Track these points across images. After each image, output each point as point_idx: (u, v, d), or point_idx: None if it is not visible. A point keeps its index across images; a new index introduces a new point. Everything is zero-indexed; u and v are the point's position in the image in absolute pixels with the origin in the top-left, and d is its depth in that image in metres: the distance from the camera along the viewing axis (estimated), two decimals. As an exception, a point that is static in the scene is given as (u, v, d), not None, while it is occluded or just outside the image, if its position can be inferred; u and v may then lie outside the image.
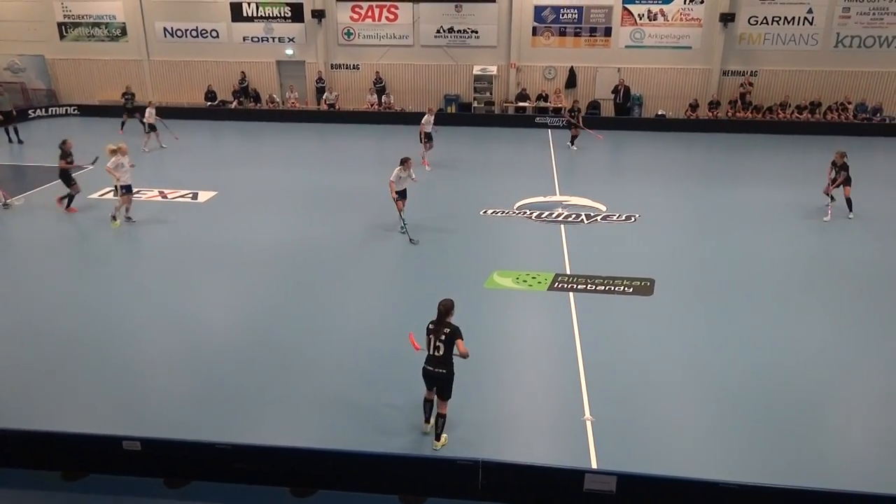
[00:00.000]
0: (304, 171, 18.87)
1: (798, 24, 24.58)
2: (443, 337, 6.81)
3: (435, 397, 7.12)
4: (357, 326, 9.84)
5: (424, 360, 7.04)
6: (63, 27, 27.78)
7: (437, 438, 7.12)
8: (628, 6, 25.14)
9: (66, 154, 14.99)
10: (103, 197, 16.10)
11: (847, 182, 14.52)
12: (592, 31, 25.66)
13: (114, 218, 14.10)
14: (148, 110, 21.20)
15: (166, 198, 16.09)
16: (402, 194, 13.49)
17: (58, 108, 27.20)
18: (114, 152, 13.88)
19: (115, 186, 13.97)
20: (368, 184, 17.27)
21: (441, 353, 6.85)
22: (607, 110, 26.15)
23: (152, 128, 20.98)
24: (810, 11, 24.41)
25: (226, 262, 12.32)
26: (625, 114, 25.67)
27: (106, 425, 7.31)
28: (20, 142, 20.91)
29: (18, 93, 26.84)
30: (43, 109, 26.83)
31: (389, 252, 12.78)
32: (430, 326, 6.96)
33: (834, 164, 14.61)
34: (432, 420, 7.27)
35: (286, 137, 23.24)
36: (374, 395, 8.12)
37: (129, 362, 8.82)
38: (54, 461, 6.91)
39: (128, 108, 23.91)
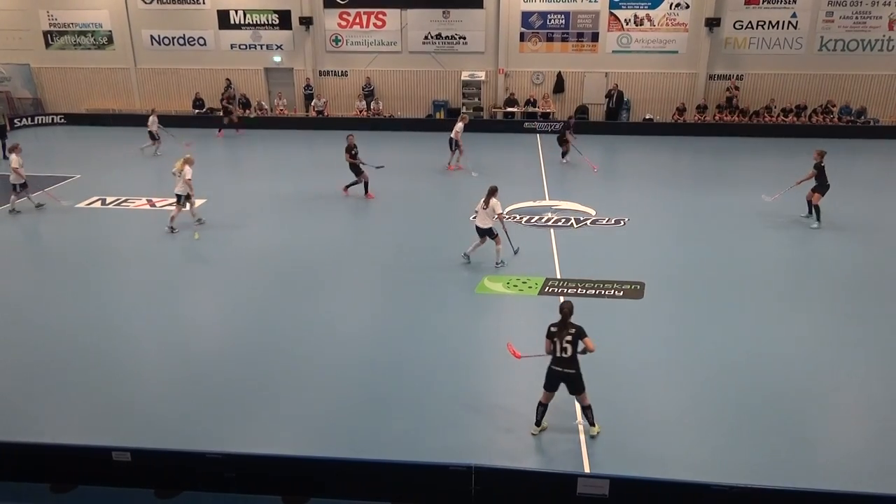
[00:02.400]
0: (294, 178, 18.83)
1: (782, 28, 24.84)
2: (569, 338, 6.92)
3: (577, 397, 7.22)
4: (348, 332, 9.81)
5: (551, 363, 7.09)
6: (49, 35, 27.63)
7: (593, 424, 7.28)
8: (615, 11, 25.32)
9: (350, 147, 15.88)
10: (90, 206, 15.99)
11: (818, 188, 14.07)
12: (580, 36, 25.80)
13: (171, 228, 14.00)
14: (150, 118, 21.26)
15: (155, 206, 16.00)
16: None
17: (44, 118, 27.02)
18: (185, 163, 13.85)
19: (178, 195, 13.88)
20: (359, 190, 17.27)
21: (568, 353, 6.95)
22: (596, 115, 26.29)
23: (153, 136, 21.02)
24: (794, 16, 24.68)
25: (215, 269, 12.26)
26: (613, 118, 25.82)
27: (95, 436, 7.25)
28: (6, 157, 20.74)
29: (4, 102, 26.66)
30: (29, 119, 26.65)
31: (380, 258, 12.77)
32: (553, 329, 7.01)
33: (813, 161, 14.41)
34: (544, 422, 7.38)
35: (275, 144, 23.19)
36: (366, 401, 8.09)
37: (118, 372, 8.75)
38: (43, 473, 6.84)
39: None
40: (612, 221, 14.61)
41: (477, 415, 7.88)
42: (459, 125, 19.06)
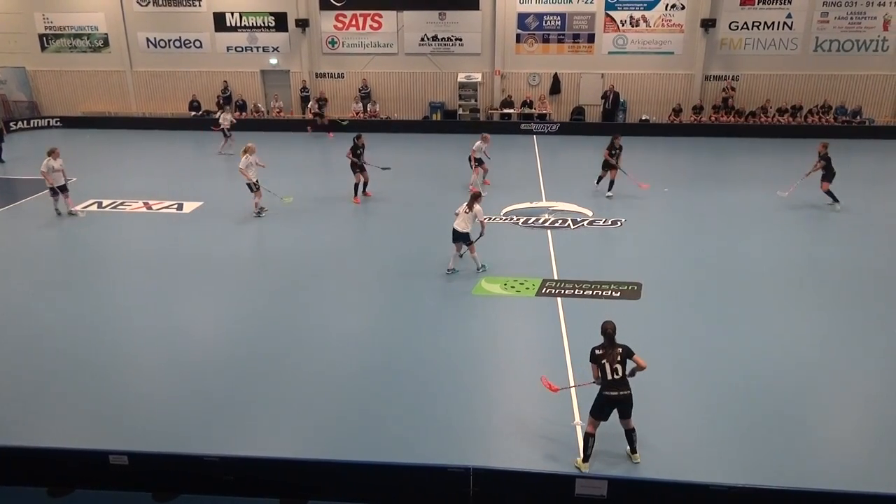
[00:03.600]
0: (290, 180, 18.78)
1: (778, 28, 24.91)
2: (619, 358, 6.63)
3: (624, 421, 6.83)
4: (346, 335, 9.81)
5: (603, 388, 6.69)
6: (44, 38, 27.58)
7: (635, 451, 6.90)
8: (611, 13, 25.37)
9: (356, 147, 16.04)
10: (86, 209, 15.97)
11: (826, 177, 14.87)
12: (576, 37, 25.84)
13: (259, 214, 15.15)
14: (223, 116, 22.32)
15: (151, 209, 15.98)
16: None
17: (40, 121, 26.97)
18: (245, 152, 14.87)
19: (248, 184, 15.01)
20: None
21: (619, 374, 6.63)
22: (592, 116, 26.32)
23: (225, 134, 22.12)
24: (790, 16, 24.75)
25: (211, 272, 12.24)
26: (609, 119, 25.86)
27: (92, 440, 7.23)
28: (2, 161, 20.72)
29: (0, 105, 26.62)
30: (25, 122, 26.60)
31: (377, 260, 12.76)
32: (599, 352, 6.68)
33: (818, 153, 15.02)
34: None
35: (271, 146, 23.12)
36: (364, 403, 8.08)
37: (115, 376, 8.73)
38: (40, 477, 6.83)
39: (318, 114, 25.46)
40: (609, 222, 14.63)
41: (475, 416, 7.87)
42: (479, 143, 17.02)
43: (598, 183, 17.13)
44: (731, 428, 7.55)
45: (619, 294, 10.96)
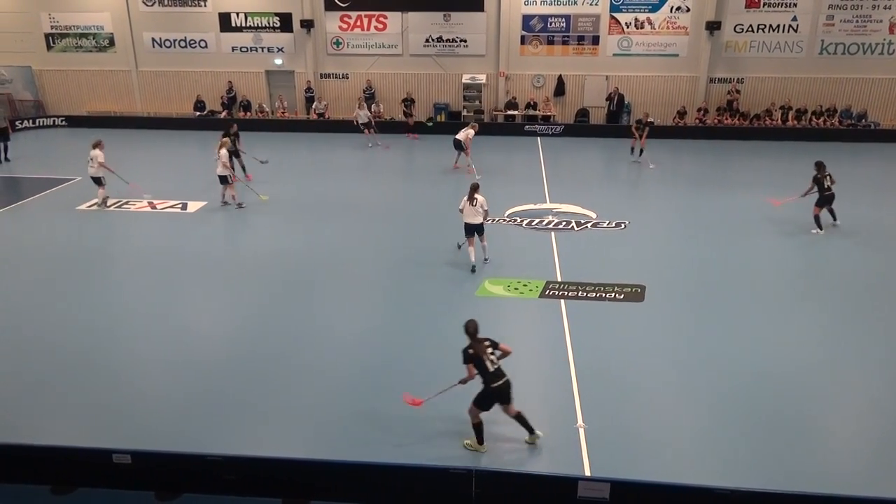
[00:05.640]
0: (294, 181, 18.84)
1: (783, 31, 24.86)
2: (490, 350, 6.98)
3: (506, 407, 7.10)
4: (347, 336, 9.81)
5: (487, 383, 6.95)
6: (50, 38, 27.65)
7: (533, 431, 7.22)
8: (615, 14, 25.35)
9: (228, 135, 16.82)
10: (90, 208, 16.02)
11: (818, 201, 13.99)
12: (580, 39, 25.83)
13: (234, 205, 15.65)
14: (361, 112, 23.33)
15: (155, 208, 16.02)
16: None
17: (45, 120, 27.04)
18: (221, 146, 15.44)
19: (222, 176, 15.48)
20: (358, 192, 17.32)
21: (496, 365, 6.99)
22: (596, 118, 26.31)
23: (367, 126, 23.12)
24: (795, 19, 24.69)
25: (214, 272, 12.27)
26: (614, 121, 25.83)
27: (96, 438, 7.25)
28: (7, 160, 20.78)
29: (5, 104, 26.68)
30: (30, 121, 26.67)
31: (380, 261, 12.77)
32: (471, 351, 6.96)
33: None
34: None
35: (276, 147, 23.17)
36: (366, 404, 8.09)
37: (118, 374, 8.76)
38: (43, 475, 6.84)
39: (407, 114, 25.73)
40: (613, 224, 14.61)
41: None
42: (471, 132, 19.04)
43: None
44: (734, 431, 7.54)
45: (622, 296, 10.95)
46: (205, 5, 26.59)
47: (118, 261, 12.90)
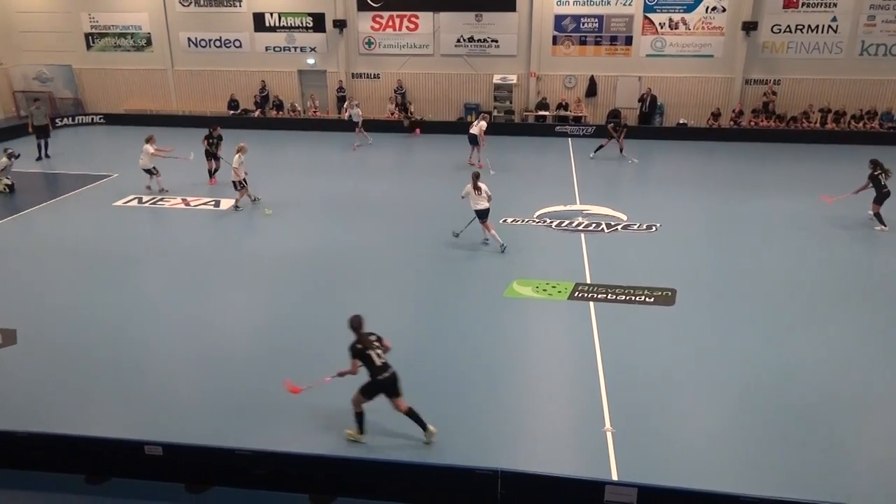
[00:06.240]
0: (325, 179, 19.01)
1: (822, 32, 24.31)
2: (376, 344, 7.16)
3: (396, 401, 7.28)
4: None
5: (373, 375, 7.09)
6: (90, 37, 28.29)
7: (426, 427, 7.31)
8: (649, 15, 25.05)
9: (210, 136, 17.84)
10: (126, 204, 16.36)
11: (876, 198, 14.18)
12: (613, 39, 25.59)
13: (236, 207, 15.84)
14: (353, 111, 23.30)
15: (189, 205, 16.29)
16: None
17: (84, 117, 27.68)
18: (238, 151, 15.47)
19: (234, 182, 15.60)
20: (387, 191, 17.39)
21: (383, 358, 7.18)
22: (629, 119, 26.00)
23: (358, 125, 23.22)
24: (834, 19, 24.14)
25: (246, 268, 12.43)
26: (646, 123, 25.55)
27: (129, 430, 7.40)
28: (47, 156, 21.32)
29: (47, 102, 27.34)
30: (70, 118, 27.32)
31: (408, 260, 12.82)
32: (360, 346, 7.09)
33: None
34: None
35: (308, 145, 23.43)
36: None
37: (151, 368, 8.94)
38: (78, 464, 7.01)
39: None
40: (644, 227, 14.45)
41: (504, 418, 7.86)
42: (483, 124, 19.73)
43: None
44: (765, 439, 7.41)
45: (652, 299, 10.82)
46: (240, 5, 26.95)
47: (152, 256, 13.14)
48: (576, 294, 11.07)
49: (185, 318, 10.41)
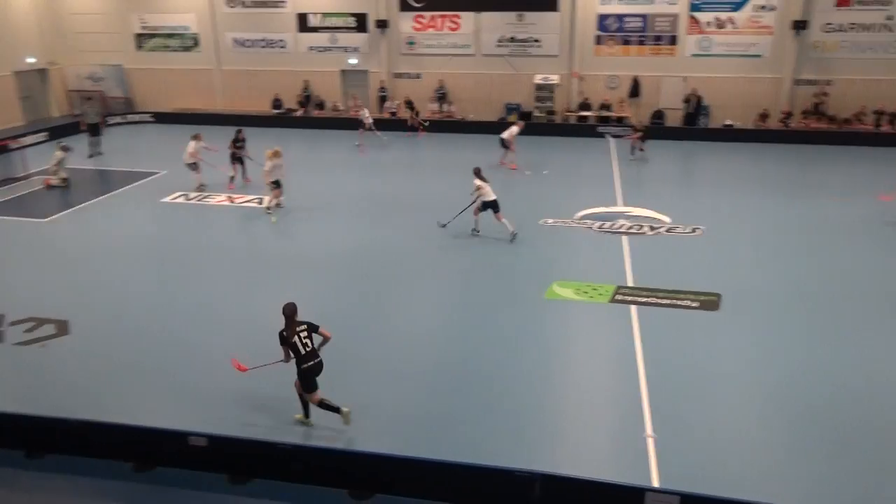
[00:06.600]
0: (367, 178, 19.17)
1: (876, 31, 23.51)
2: (304, 333, 7.36)
3: (302, 394, 7.55)
4: (415, 334, 9.91)
5: (299, 363, 7.31)
6: (140, 38, 29.07)
7: (307, 416, 7.69)
8: (695, 14, 24.59)
9: (237, 140, 17.86)
10: (174, 201, 16.75)
11: None
12: (657, 39, 25.20)
13: (268, 211, 15.57)
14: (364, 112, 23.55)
15: (234, 202, 16.60)
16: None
17: (134, 116, 28.44)
18: (273, 156, 15.30)
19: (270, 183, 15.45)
20: (429, 190, 17.43)
21: (310, 347, 7.39)
22: (673, 120, 25.60)
23: (367, 126, 23.16)
24: (890, 18, 23.32)
25: (290, 265, 12.61)
26: (691, 124, 25.08)
27: (175, 420, 7.56)
28: (99, 153, 21.97)
29: (98, 101, 28.18)
30: (120, 116, 28.09)
31: (449, 260, 12.83)
32: (286, 333, 7.32)
33: None
34: (344, 408, 7.57)
35: (349, 144, 23.61)
36: (434, 402, 8.15)
37: (197, 359, 9.12)
38: (126, 452, 7.21)
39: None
40: (689, 230, 14.18)
41: (543, 420, 7.81)
42: (515, 129, 19.75)
43: None
44: (811, 449, 7.21)
45: (696, 304, 10.62)
46: (284, 6, 27.37)
47: (197, 251, 13.42)
48: (617, 297, 10.93)
49: (233, 313, 10.60)
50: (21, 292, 11.37)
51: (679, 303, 10.67)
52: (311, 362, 7.35)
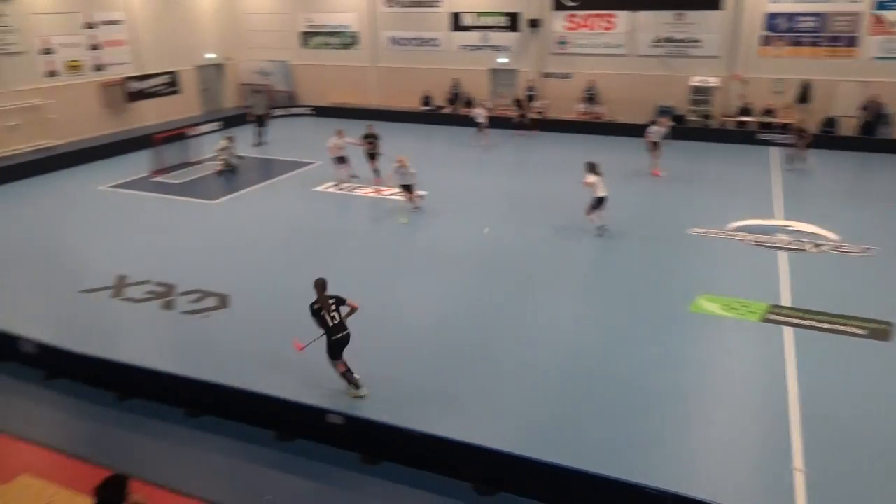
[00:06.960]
0: (508, 177, 19.25)
1: None
2: (334, 307, 7.84)
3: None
4: (556, 337, 9.82)
5: (328, 335, 7.83)
6: (305, 36, 31.02)
7: (358, 387, 8.17)
8: (880, 13, 22.22)
9: (368, 136, 18.20)
10: (326, 190, 17.71)
11: None
12: (834, 39, 23.06)
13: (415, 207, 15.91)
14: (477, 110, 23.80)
15: (381, 194, 17.27)
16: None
17: (296, 109, 30.40)
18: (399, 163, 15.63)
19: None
20: (569, 190, 17.10)
21: (338, 319, 7.87)
22: (845, 128, 23.33)
23: (481, 125, 23.42)
24: None
25: (431, 260, 12.92)
26: (869, 133, 22.72)
27: (313, 397, 7.99)
28: (264, 143, 23.75)
29: (265, 94, 30.39)
30: (283, 109, 30.13)
31: (591, 262, 12.58)
32: (316, 306, 7.81)
33: None
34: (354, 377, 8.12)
35: (492, 143, 23.75)
36: (568, 406, 8.06)
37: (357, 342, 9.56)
38: (271, 421, 7.73)
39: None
40: (858, 249, 12.88)
41: (681, 439, 7.45)
42: (661, 129, 18.98)
43: None
44: None
45: (864, 332, 9.63)
46: (440, 5, 28.03)
47: (343, 238, 14.11)
48: (770, 316, 10.16)
49: (378, 306, 10.98)
50: (190, 266, 12.53)
51: (842, 329, 9.73)
52: (340, 334, 7.90)
